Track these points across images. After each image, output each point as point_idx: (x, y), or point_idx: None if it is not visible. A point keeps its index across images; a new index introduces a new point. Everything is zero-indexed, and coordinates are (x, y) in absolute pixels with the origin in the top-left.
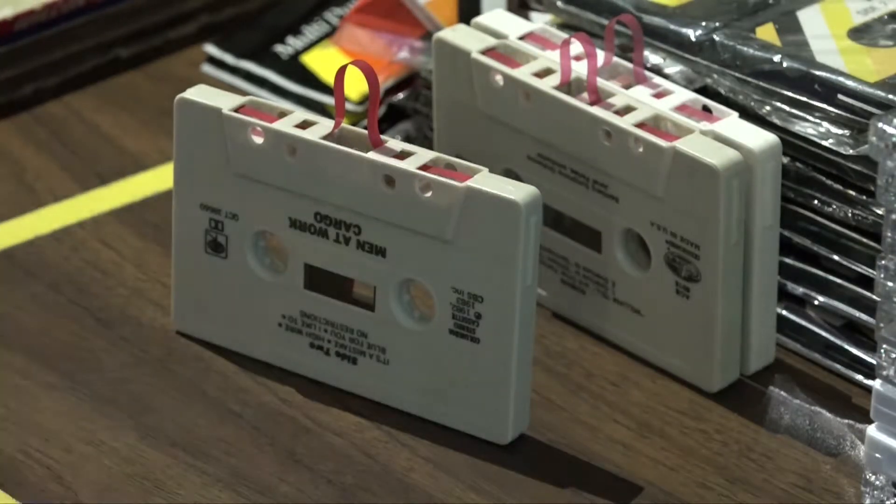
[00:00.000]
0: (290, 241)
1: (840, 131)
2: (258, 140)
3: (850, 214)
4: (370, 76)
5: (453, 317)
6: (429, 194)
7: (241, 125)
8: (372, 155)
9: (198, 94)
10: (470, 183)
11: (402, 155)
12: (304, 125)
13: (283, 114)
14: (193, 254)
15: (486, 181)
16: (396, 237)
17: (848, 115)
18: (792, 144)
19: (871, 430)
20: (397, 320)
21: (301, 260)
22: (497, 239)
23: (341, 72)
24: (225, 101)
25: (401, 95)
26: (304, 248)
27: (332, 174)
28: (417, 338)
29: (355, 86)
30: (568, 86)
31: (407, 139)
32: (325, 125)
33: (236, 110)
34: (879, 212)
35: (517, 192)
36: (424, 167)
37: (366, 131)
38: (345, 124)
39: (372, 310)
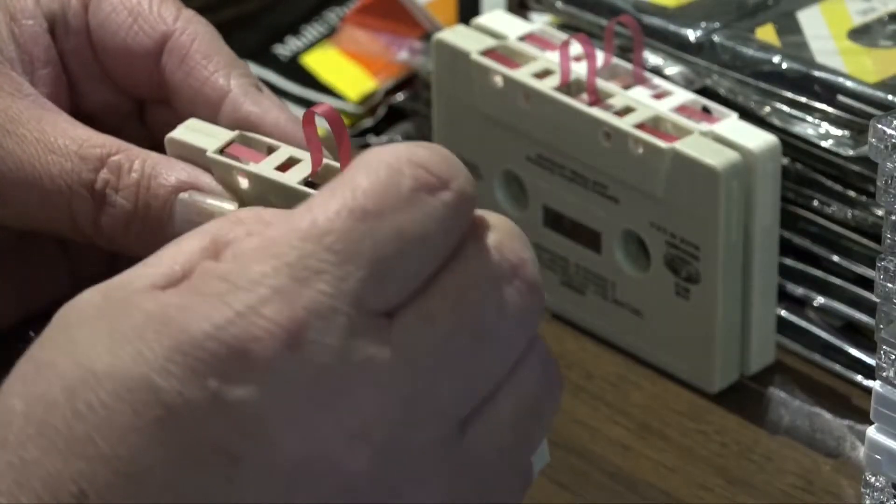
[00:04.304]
0: None
1: (840, 132)
2: (244, 182)
3: (849, 215)
4: (335, 122)
5: None
6: None
7: (226, 168)
8: None
9: (185, 132)
10: None
11: None
12: (287, 165)
13: (271, 149)
14: None
15: None
16: None
17: (848, 115)
18: (792, 145)
19: (871, 432)
20: None
21: None
22: None
23: (309, 115)
24: (212, 141)
25: (400, 96)
26: None
27: None
28: None
29: (355, 85)
30: (567, 87)
31: (406, 140)
32: (307, 165)
33: (223, 149)
34: (879, 213)
35: None
36: None
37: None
38: (327, 160)
39: None
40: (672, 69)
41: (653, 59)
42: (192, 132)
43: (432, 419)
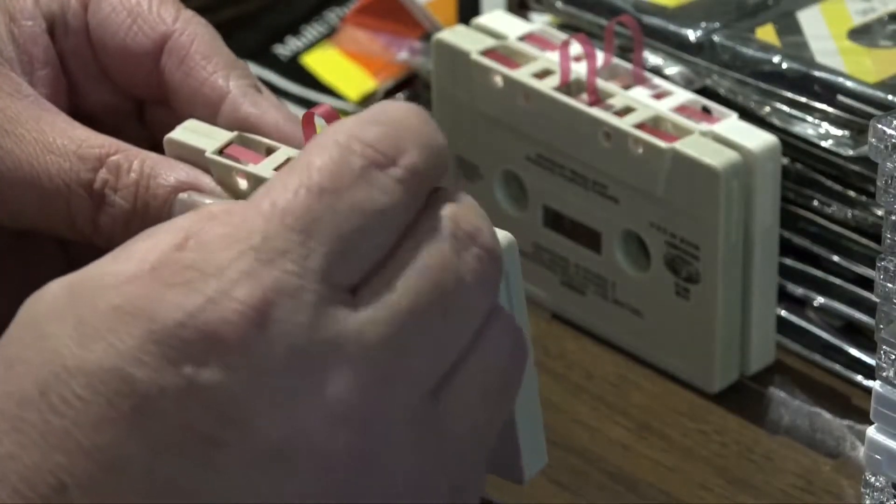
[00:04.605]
0: None
1: (840, 132)
2: (243, 183)
3: (849, 215)
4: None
5: None
6: None
7: (225, 169)
8: None
9: (184, 132)
10: None
11: None
12: (286, 166)
13: (270, 150)
14: None
15: None
16: None
17: (848, 115)
18: (792, 145)
19: (871, 432)
20: None
21: None
22: None
23: (309, 116)
24: (211, 142)
25: (400, 96)
26: None
27: None
28: None
29: (355, 85)
30: (567, 86)
31: None
32: None
33: (222, 150)
34: (879, 213)
35: None
36: None
37: None
38: None
39: None
40: (672, 69)
41: (653, 59)
42: (191, 133)
43: (404, 391)
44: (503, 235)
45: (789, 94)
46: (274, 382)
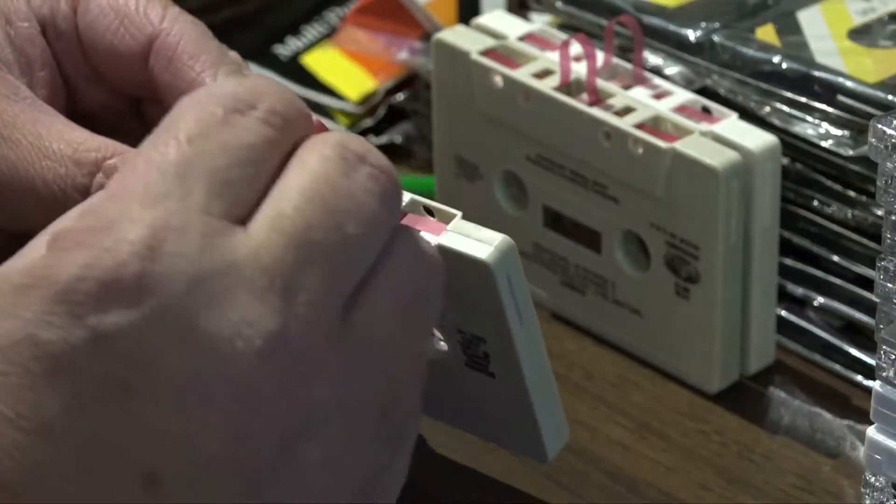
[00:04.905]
0: None
1: (840, 132)
2: None
3: (849, 215)
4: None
5: (464, 352)
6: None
7: None
8: None
9: None
10: (441, 240)
11: None
12: None
13: None
14: None
15: (456, 236)
16: None
17: (848, 115)
18: (792, 145)
19: (871, 432)
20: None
21: None
22: (478, 296)
23: None
24: None
25: (400, 96)
26: None
27: None
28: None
29: (355, 85)
30: (567, 86)
31: (406, 140)
32: None
33: None
34: (879, 213)
35: (486, 248)
36: None
37: None
38: None
39: None
40: (672, 69)
41: (653, 59)
42: None
43: (310, 310)
44: (502, 239)
45: (789, 94)
46: (176, 316)
